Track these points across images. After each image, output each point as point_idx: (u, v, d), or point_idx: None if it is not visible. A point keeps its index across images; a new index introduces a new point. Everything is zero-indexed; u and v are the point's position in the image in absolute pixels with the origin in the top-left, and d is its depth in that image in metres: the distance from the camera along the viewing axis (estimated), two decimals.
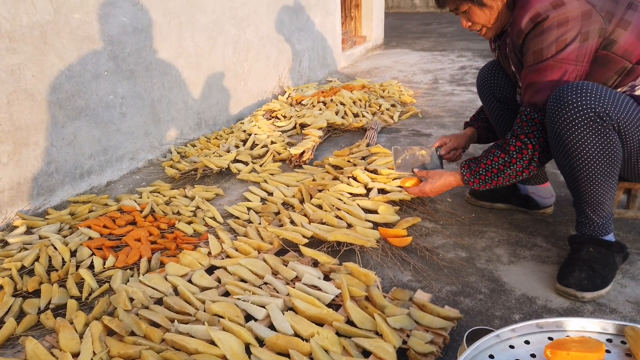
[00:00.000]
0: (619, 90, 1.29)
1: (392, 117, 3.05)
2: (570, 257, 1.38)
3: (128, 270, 1.48)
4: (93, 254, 1.56)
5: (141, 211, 1.84)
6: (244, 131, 2.75)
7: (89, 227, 1.69)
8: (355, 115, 3.03)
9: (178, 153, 2.47)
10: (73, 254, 1.57)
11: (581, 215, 1.38)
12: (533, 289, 1.37)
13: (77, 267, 1.50)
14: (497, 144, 1.41)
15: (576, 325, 0.99)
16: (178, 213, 1.85)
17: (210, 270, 1.47)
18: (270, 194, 2.00)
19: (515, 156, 1.35)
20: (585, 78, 1.29)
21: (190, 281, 1.38)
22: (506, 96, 1.66)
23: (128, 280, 1.41)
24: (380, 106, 3.23)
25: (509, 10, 1.40)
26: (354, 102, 3.21)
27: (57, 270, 1.47)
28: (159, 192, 2.03)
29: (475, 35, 7.34)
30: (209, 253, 1.52)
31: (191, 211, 1.85)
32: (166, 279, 1.37)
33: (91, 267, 1.50)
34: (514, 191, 1.79)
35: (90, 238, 1.65)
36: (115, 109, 2.18)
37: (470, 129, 1.81)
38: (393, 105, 3.31)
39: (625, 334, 0.93)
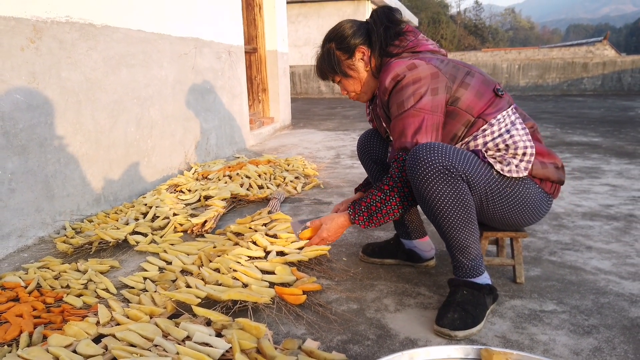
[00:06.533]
0: (466, 139, 1.54)
1: (295, 188, 3.20)
2: (447, 300, 1.52)
3: (6, 346, 1.38)
4: None
5: (26, 287, 1.74)
6: (145, 204, 2.73)
7: None
8: (260, 187, 3.15)
9: (73, 229, 2.39)
10: None
11: (454, 260, 1.54)
12: (415, 332, 1.48)
13: None
14: (375, 184, 1.60)
15: (443, 353, 1.12)
16: (67, 287, 1.77)
17: (99, 339, 1.41)
18: (170, 263, 1.98)
19: (389, 194, 1.52)
20: (442, 128, 1.53)
21: (75, 351, 1.32)
22: (381, 158, 1.88)
23: (5, 356, 1.31)
24: (284, 178, 3.38)
25: (375, 78, 1.67)
26: (259, 175, 3.33)
27: None
28: (48, 268, 1.94)
29: None
30: (98, 322, 1.47)
31: (82, 284, 1.78)
32: (48, 351, 1.30)
33: None
34: (399, 247, 1.95)
35: None
36: (3, 185, 2.10)
37: (359, 193, 1.99)
38: (297, 178, 3.49)
39: (481, 355, 1.08)
